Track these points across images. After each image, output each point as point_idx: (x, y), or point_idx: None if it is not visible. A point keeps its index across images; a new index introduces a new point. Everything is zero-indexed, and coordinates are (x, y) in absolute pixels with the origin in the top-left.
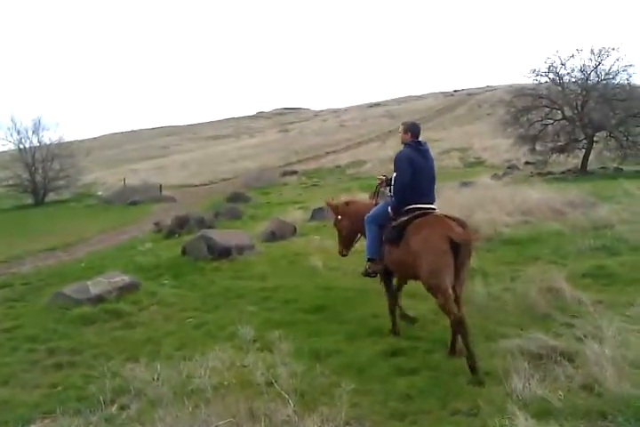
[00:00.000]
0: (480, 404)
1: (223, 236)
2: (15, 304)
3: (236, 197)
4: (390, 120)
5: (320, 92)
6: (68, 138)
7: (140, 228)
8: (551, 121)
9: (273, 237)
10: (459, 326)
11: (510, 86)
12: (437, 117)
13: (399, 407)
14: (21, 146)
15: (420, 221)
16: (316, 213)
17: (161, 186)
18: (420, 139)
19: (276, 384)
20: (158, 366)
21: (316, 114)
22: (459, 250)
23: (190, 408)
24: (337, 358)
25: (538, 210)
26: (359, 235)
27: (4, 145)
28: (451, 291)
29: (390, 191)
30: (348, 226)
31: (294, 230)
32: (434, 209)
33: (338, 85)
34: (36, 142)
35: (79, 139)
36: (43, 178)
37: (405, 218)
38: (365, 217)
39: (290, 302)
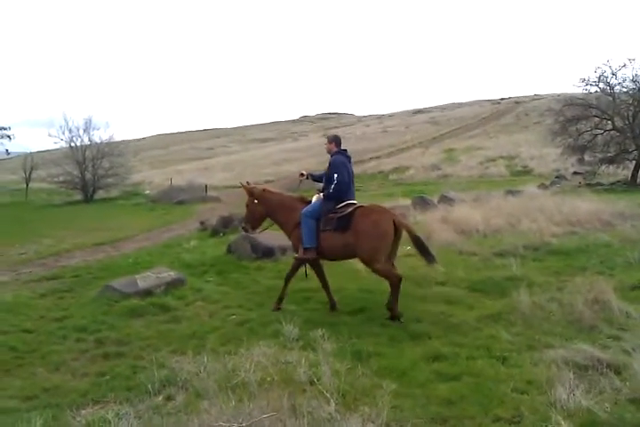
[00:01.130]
0: (523, 412)
1: (267, 236)
2: (65, 295)
3: None
4: (434, 127)
5: (364, 98)
6: (117, 137)
7: (185, 226)
8: (601, 131)
9: None
10: (398, 285)
11: (559, 95)
12: (482, 125)
13: (440, 412)
14: (73, 144)
15: (367, 209)
16: None
17: (206, 186)
18: (339, 147)
19: (318, 383)
20: (204, 359)
21: (360, 119)
22: (398, 231)
23: (234, 401)
24: (378, 360)
25: (586, 221)
26: (267, 219)
27: (56, 143)
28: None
29: (328, 189)
30: (261, 210)
31: None
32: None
33: (382, 92)
34: (86, 141)
35: (128, 139)
36: (92, 175)
37: (350, 209)
38: (302, 212)
39: None
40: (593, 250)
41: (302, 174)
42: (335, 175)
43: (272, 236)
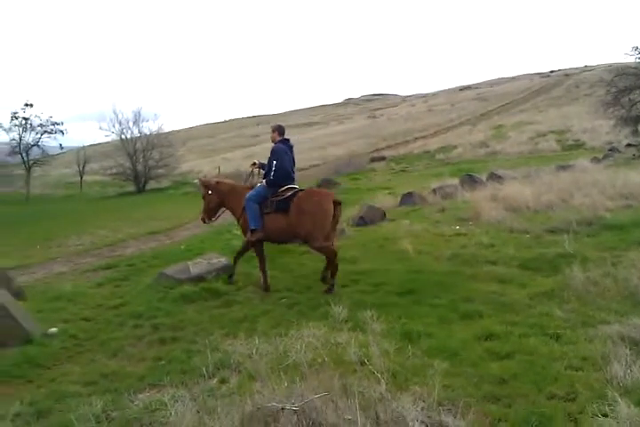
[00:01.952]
0: (578, 389)
1: None
2: (121, 284)
3: (325, 184)
4: (482, 103)
5: (409, 78)
6: (166, 128)
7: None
8: None
9: (362, 222)
10: (334, 260)
11: (610, 66)
12: (532, 99)
13: (493, 390)
14: (123, 136)
15: (308, 192)
16: (405, 199)
17: (252, 172)
18: (283, 137)
19: (368, 363)
20: (256, 342)
21: (404, 99)
22: (336, 210)
23: (286, 383)
24: (428, 340)
25: None
26: (223, 209)
27: (107, 136)
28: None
29: (269, 176)
30: (215, 200)
31: (383, 215)
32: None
33: (427, 70)
34: (136, 133)
35: (176, 129)
36: (143, 167)
37: (291, 193)
38: (247, 196)
39: (380, 284)
40: None
41: (254, 164)
42: (274, 162)
43: None
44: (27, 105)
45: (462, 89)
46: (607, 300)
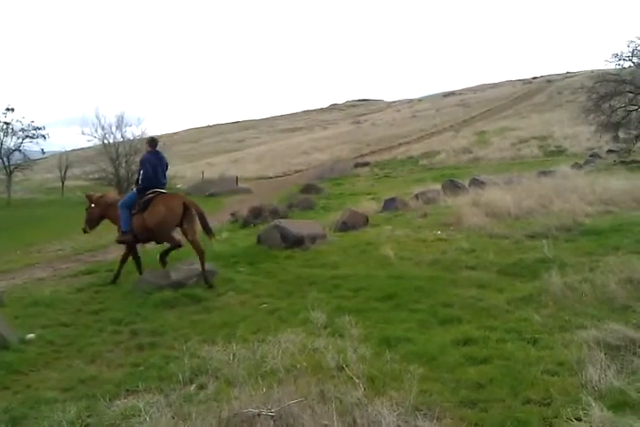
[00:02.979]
0: (553, 394)
1: (296, 225)
2: (101, 289)
3: (309, 189)
4: (465, 109)
5: (395, 83)
6: (150, 133)
7: (217, 218)
8: (635, 107)
9: (345, 227)
10: (173, 248)
11: (592, 72)
12: (515, 105)
13: (470, 395)
14: (106, 141)
15: (164, 195)
16: (388, 204)
17: (237, 178)
18: (157, 149)
19: (346, 368)
20: (234, 347)
21: (390, 105)
22: (187, 210)
23: (264, 388)
24: (407, 345)
25: (620, 200)
26: (104, 219)
27: (89, 140)
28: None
29: (138, 183)
30: (97, 212)
31: (366, 221)
32: (165, 192)
33: (412, 76)
34: (119, 137)
35: (160, 134)
36: (126, 171)
37: (152, 195)
38: (119, 203)
39: (361, 290)
40: (627, 229)
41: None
42: (141, 171)
43: (301, 225)
44: (8, 109)
45: (446, 95)
46: (584, 305)
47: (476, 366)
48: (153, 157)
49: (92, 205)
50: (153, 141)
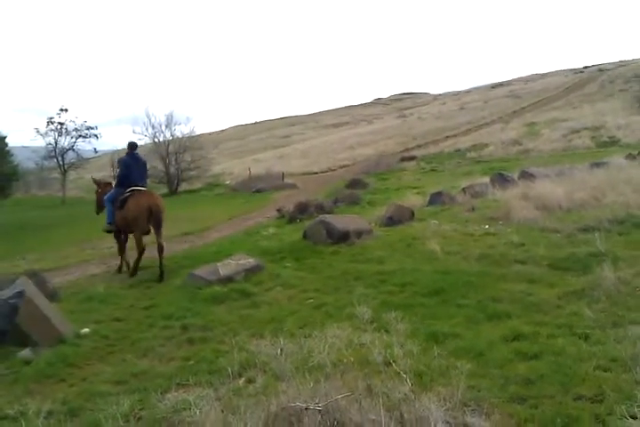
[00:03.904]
0: (606, 390)
1: (341, 221)
2: (152, 285)
3: (354, 184)
4: (514, 100)
5: (441, 76)
6: (198, 131)
7: (263, 214)
8: None
9: (391, 221)
10: (141, 253)
11: None
12: (566, 96)
13: (519, 391)
14: (156, 139)
15: (137, 193)
16: (434, 198)
17: (283, 174)
18: (136, 151)
19: (393, 364)
20: (282, 342)
21: (436, 98)
22: (151, 209)
23: (311, 383)
24: (455, 341)
25: None
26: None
27: (140, 139)
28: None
29: (116, 182)
30: (102, 198)
31: (412, 215)
32: (145, 189)
33: (460, 68)
34: (169, 136)
35: (208, 132)
36: (176, 169)
37: (128, 193)
38: (105, 197)
39: (407, 285)
40: None
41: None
42: (118, 171)
43: (347, 220)
44: (62, 110)
45: (495, 86)
46: (638, 300)
47: (526, 362)
48: (129, 158)
49: (99, 190)
50: (131, 145)
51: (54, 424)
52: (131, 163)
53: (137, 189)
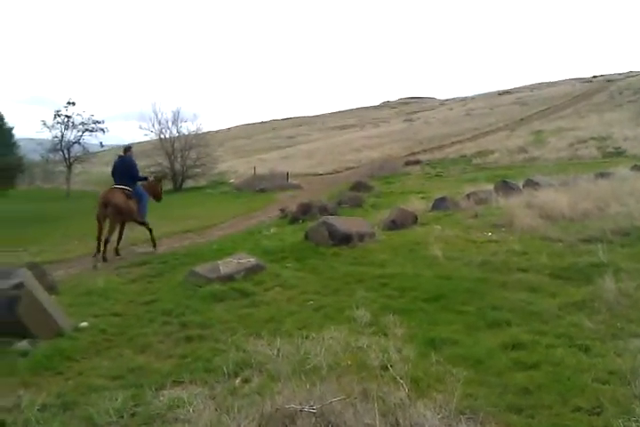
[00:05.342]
0: (604, 403)
1: (344, 223)
2: (153, 280)
3: (358, 186)
4: (521, 108)
5: (448, 82)
6: (205, 129)
7: (266, 213)
8: None
9: (394, 225)
10: (100, 243)
11: None
12: (573, 105)
13: (516, 401)
14: (162, 136)
15: (107, 188)
16: (438, 204)
17: (288, 174)
18: (127, 154)
19: (390, 368)
20: (279, 343)
21: (442, 103)
22: (103, 201)
23: (307, 385)
24: (453, 347)
25: None
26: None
27: (146, 135)
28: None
29: None
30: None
31: (415, 219)
32: (121, 187)
33: (467, 74)
34: (175, 133)
35: (214, 130)
36: (181, 166)
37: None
38: None
39: (407, 289)
40: None
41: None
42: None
43: (349, 222)
44: (69, 103)
45: (502, 93)
46: (639, 312)
47: (524, 372)
48: (118, 161)
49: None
50: (125, 149)
51: (48, 417)
52: (117, 165)
53: (112, 187)
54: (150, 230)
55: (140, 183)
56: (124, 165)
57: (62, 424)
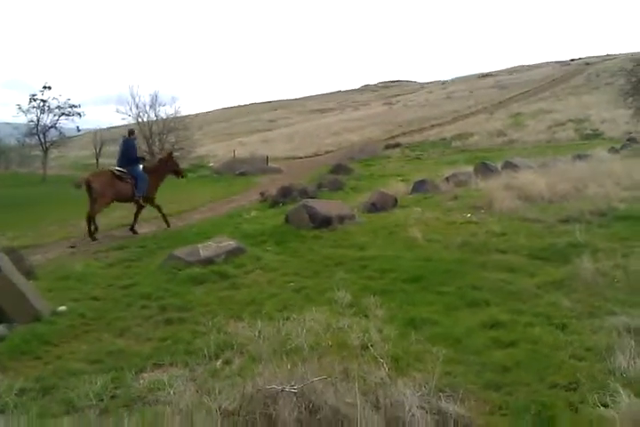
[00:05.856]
0: (580, 379)
1: (324, 206)
2: (132, 264)
3: (338, 169)
4: (501, 91)
5: (428, 65)
6: (183, 112)
7: (246, 197)
8: None
9: (374, 208)
10: (89, 220)
11: (632, 55)
12: (552, 88)
13: (495, 378)
14: (140, 120)
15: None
16: (418, 186)
17: (267, 158)
18: (129, 137)
19: (370, 348)
20: (260, 324)
21: (423, 86)
22: (86, 183)
23: (288, 365)
24: (433, 327)
25: None
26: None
27: (123, 119)
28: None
29: None
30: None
31: (395, 202)
32: (117, 169)
33: (447, 57)
34: (153, 116)
35: (193, 113)
36: (160, 150)
37: None
38: None
39: (387, 271)
40: None
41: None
42: None
43: (330, 205)
44: (45, 87)
45: (482, 76)
46: (616, 291)
47: (503, 350)
48: (122, 143)
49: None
50: (129, 132)
51: (26, 402)
52: (120, 147)
53: (102, 169)
54: (139, 208)
55: (151, 164)
56: (125, 147)
57: (41, 408)
